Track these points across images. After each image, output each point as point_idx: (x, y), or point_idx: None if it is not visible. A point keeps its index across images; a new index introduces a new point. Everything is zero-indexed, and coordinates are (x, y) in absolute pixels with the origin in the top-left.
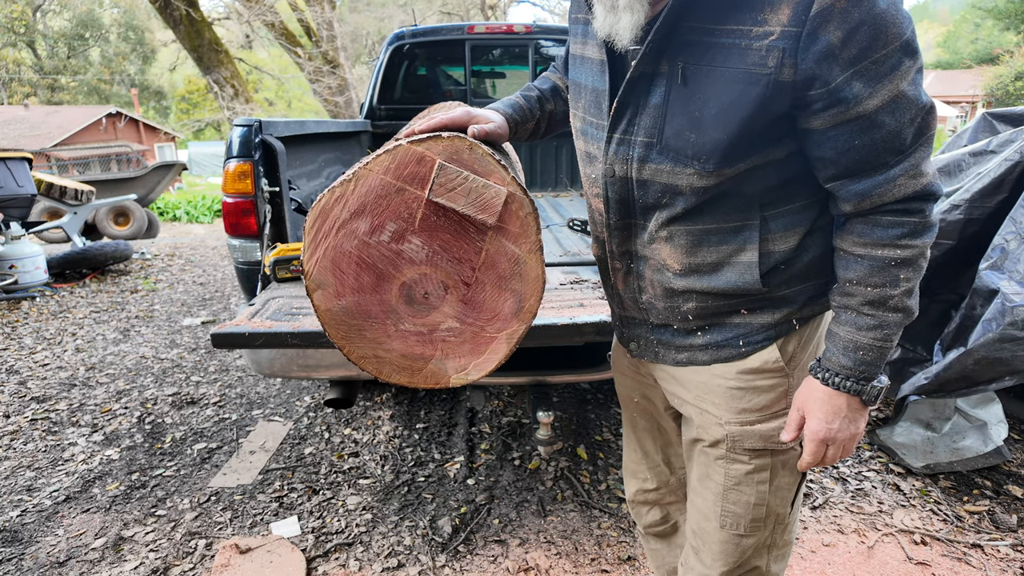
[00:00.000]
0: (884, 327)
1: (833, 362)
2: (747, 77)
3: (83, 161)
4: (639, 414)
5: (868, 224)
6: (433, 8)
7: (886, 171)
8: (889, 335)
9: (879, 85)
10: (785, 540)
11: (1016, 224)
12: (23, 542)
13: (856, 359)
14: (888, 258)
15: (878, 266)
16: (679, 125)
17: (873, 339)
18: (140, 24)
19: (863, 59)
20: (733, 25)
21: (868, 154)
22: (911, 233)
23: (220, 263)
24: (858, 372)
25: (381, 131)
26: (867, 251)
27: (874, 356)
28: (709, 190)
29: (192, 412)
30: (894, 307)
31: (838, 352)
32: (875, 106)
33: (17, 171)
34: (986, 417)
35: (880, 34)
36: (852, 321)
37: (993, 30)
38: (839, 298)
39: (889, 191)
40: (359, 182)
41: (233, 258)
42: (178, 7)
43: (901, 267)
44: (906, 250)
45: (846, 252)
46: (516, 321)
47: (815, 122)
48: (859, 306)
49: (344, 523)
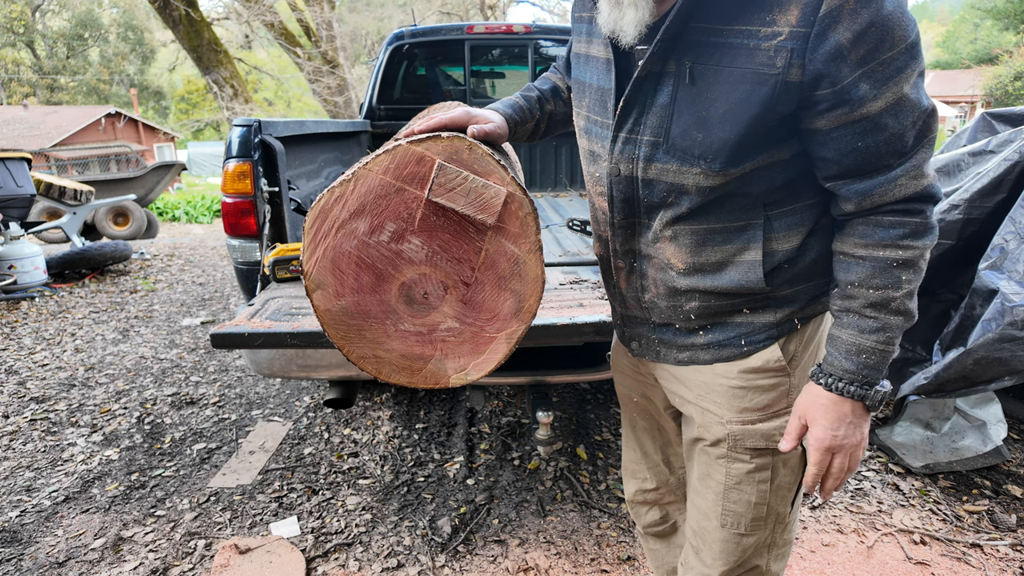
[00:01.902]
0: (887, 330)
1: (836, 367)
2: (755, 77)
3: (82, 161)
4: (639, 414)
5: (869, 226)
6: (432, 8)
7: (888, 172)
8: (892, 338)
9: (884, 87)
10: (785, 539)
11: (1015, 224)
12: (22, 542)
13: (859, 363)
14: (890, 259)
15: (880, 267)
16: (686, 124)
17: (876, 342)
18: (139, 24)
19: (870, 60)
20: (742, 25)
21: (870, 156)
22: (913, 234)
23: (219, 263)
24: (862, 376)
25: (380, 131)
26: (869, 252)
27: (877, 360)
28: (715, 190)
29: (191, 412)
30: (896, 309)
31: (840, 356)
32: (879, 108)
33: (16, 171)
34: (985, 417)
35: (887, 36)
36: (855, 324)
37: (992, 30)
38: (840, 301)
39: (890, 191)
40: (358, 182)
41: (232, 258)
42: (177, 7)
43: (903, 268)
44: (908, 251)
45: (847, 255)
46: (516, 321)
47: (819, 122)
48: (861, 308)
49: (344, 523)
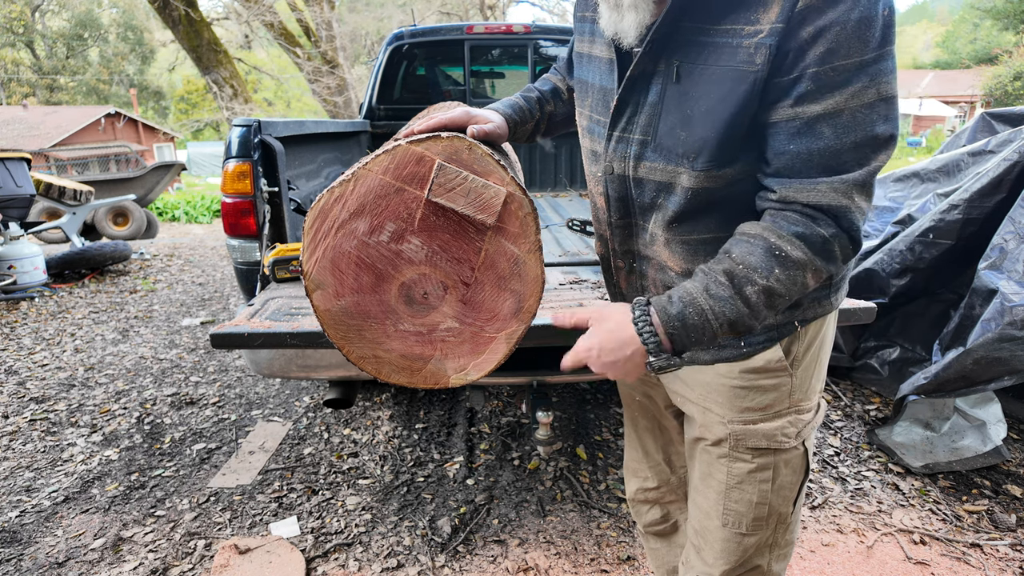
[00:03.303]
0: (727, 308)
1: (659, 305)
2: (735, 75)
3: (82, 161)
4: (640, 413)
5: (777, 217)
6: (432, 8)
7: (814, 178)
8: (725, 320)
9: (828, 94)
10: (787, 539)
11: (1015, 224)
12: (22, 543)
13: (681, 314)
14: (775, 247)
15: (761, 249)
16: (672, 123)
17: (710, 308)
18: (139, 24)
19: (823, 62)
20: (729, 25)
21: (801, 163)
22: (809, 241)
23: (219, 263)
24: (670, 328)
25: (380, 131)
26: (760, 233)
27: (697, 324)
28: (699, 193)
29: (191, 412)
30: (747, 295)
31: (672, 298)
32: (816, 112)
33: (16, 171)
34: (985, 417)
35: (845, 42)
36: (703, 282)
37: (992, 30)
38: (709, 264)
39: (806, 191)
40: (358, 182)
41: (232, 258)
42: (177, 7)
43: (781, 263)
44: (796, 251)
45: (742, 232)
46: (515, 321)
47: (765, 115)
48: (720, 272)
49: (343, 523)
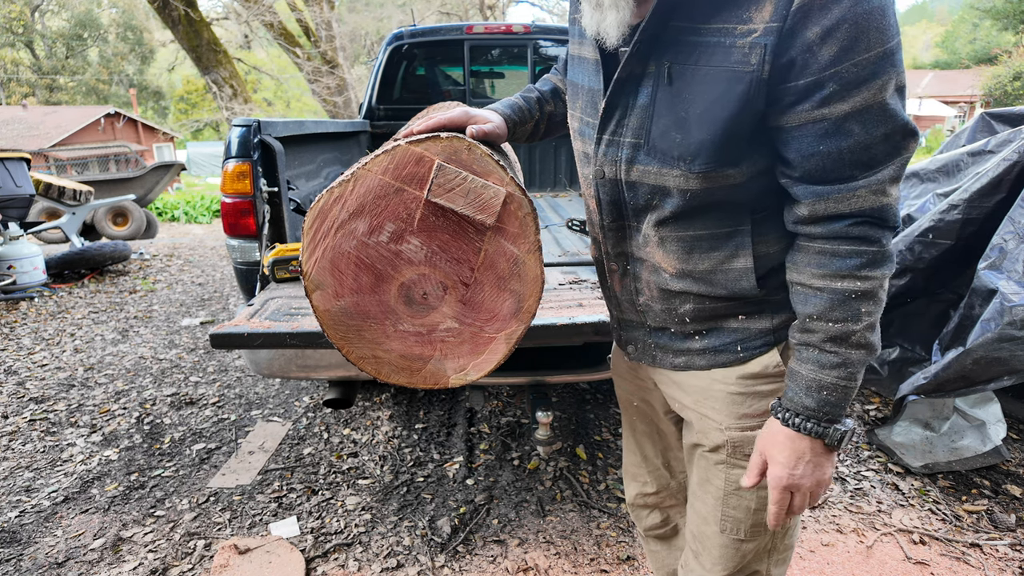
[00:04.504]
0: (848, 365)
1: (795, 402)
2: (731, 76)
3: (81, 161)
4: (638, 418)
5: (826, 255)
6: (432, 8)
7: (849, 182)
8: (853, 373)
9: (855, 90)
10: (786, 544)
11: (1014, 224)
12: (22, 543)
13: (820, 399)
14: (848, 291)
15: (838, 299)
16: (665, 125)
17: (837, 378)
18: (138, 24)
19: (843, 60)
20: (720, 24)
21: (832, 162)
22: (870, 263)
23: (219, 263)
24: (821, 413)
25: (380, 131)
26: (826, 283)
27: (838, 396)
28: (697, 194)
29: (191, 412)
30: (857, 343)
31: (801, 392)
32: (845, 111)
33: (15, 171)
34: (984, 417)
35: (862, 36)
36: (815, 359)
37: (991, 30)
38: (799, 335)
39: (846, 200)
40: (358, 182)
41: (232, 258)
42: (176, 7)
43: (862, 300)
44: (866, 282)
45: (804, 285)
46: (515, 321)
47: (783, 119)
48: (821, 343)
49: (343, 523)
